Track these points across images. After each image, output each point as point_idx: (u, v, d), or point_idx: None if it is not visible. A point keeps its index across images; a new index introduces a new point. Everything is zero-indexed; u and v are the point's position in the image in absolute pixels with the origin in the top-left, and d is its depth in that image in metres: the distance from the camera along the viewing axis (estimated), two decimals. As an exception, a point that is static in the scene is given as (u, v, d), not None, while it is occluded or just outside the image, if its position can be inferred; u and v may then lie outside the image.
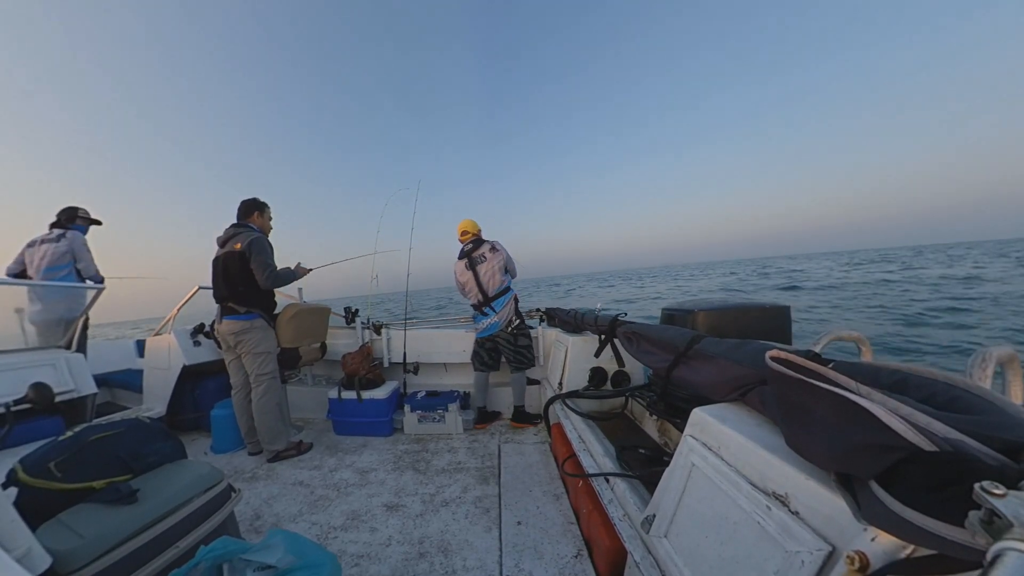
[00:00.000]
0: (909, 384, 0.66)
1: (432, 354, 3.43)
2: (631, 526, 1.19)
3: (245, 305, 2.40)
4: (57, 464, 1.12)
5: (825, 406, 0.64)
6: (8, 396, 1.42)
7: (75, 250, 3.06)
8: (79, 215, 3.17)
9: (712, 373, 1.11)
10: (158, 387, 3.03)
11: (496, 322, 2.84)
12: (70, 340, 2.67)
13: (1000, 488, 0.39)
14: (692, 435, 1.00)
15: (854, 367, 0.73)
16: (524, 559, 1.51)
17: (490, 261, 2.83)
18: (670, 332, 1.43)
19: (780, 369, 0.74)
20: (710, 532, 0.85)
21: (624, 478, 1.39)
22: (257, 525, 1.83)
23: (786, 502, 0.70)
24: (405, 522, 1.79)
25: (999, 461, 0.46)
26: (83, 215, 3.19)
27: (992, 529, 0.38)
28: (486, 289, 2.84)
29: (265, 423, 2.44)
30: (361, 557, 1.56)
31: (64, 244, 3.02)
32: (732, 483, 0.82)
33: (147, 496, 1.13)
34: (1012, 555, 0.33)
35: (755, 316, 1.59)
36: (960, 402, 0.58)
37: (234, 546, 0.91)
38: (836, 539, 0.61)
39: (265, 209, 2.58)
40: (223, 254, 2.39)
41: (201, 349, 3.07)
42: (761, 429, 0.86)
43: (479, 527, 1.72)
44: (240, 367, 2.52)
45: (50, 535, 0.95)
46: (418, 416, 2.84)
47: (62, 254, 3.00)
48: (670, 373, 1.33)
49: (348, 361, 3.04)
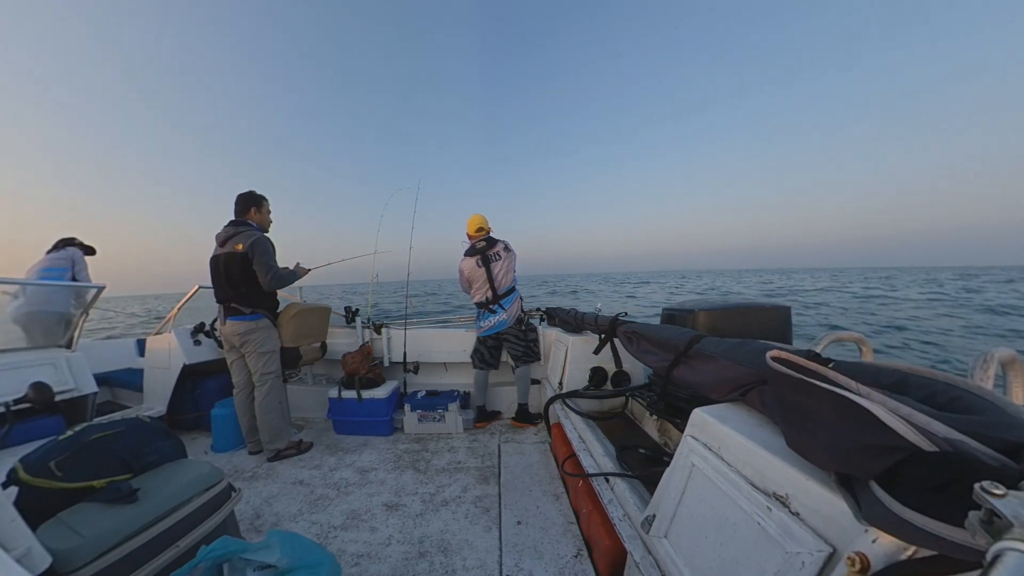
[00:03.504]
0: (909, 384, 0.66)
1: (432, 354, 3.43)
2: (631, 526, 1.19)
3: (249, 306, 2.39)
4: (57, 463, 1.12)
5: (825, 406, 0.64)
6: (8, 395, 1.42)
7: (75, 260, 3.29)
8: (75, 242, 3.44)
9: (712, 373, 1.11)
10: (158, 386, 3.03)
11: (505, 319, 2.84)
12: (70, 339, 2.68)
13: (1000, 488, 0.39)
14: (692, 435, 1.00)
15: (854, 367, 0.73)
16: (524, 559, 1.51)
17: (504, 260, 2.83)
18: (670, 332, 1.43)
19: (780, 369, 0.74)
20: (710, 532, 0.85)
21: (624, 478, 1.39)
22: (257, 524, 1.83)
23: (786, 503, 0.70)
24: (405, 521, 1.79)
25: (999, 461, 0.46)
26: (78, 243, 3.47)
27: (992, 529, 0.38)
28: (498, 287, 2.84)
29: (267, 422, 2.44)
30: (361, 557, 1.56)
31: (65, 253, 3.27)
32: (732, 483, 0.82)
33: (147, 495, 1.13)
34: (1012, 555, 0.33)
35: (755, 316, 1.59)
36: (960, 402, 0.58)
37: (235, 546, 0.91)
38: (837, 540, 0.60)
39: (263, 203, 2.51)
40: (223, 254, 2.37)
41: (201, 348, 3.07)
42: (761, 429, 0.86)
43: (479, 527, 1.72)
44: (243, 367, 2.52)
45: (50, 534, 0.95)
46: (418, 416, 2.84)
47: (62, 259, 3.22)
48: (670, 373, 1.33)
49: (348, 360, 3.04)
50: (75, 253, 3.32)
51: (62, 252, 3.26)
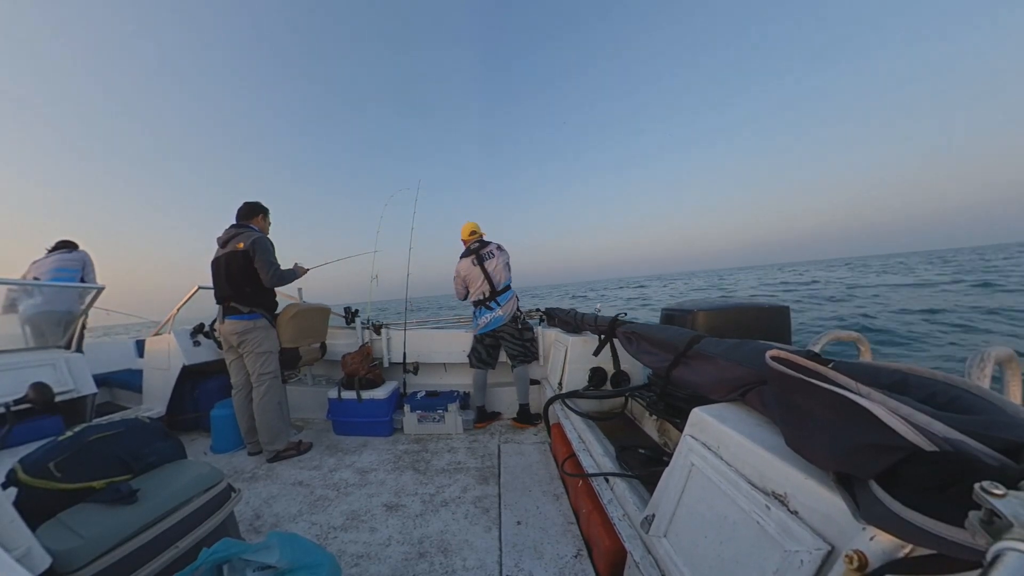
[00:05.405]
0: (909, 384, 0.66)
1: (432, 354, 3.43)
2: (631, 526, 1.19)
3: (248, 305, 2.41)
4: (57, 464, 1.12)
5: (825, 406, 0.64)
6: (8, 396, 1.42)
7: (86, 263, 3.39)
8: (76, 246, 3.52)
9: (712, 373, 1.11)
10: (158, 387, 3.03)
11: (501, 316, 2.86)
12: (70, 340, 2.68)
13: (1000, 488, 0.39)
14: (692, 435, 1.00)
15: (854, 367, 0.73)
16: (524, 559, 1.51)
17: (497, 258, 2.90)
18: (670, 332, 1.43)
19: (780, 369, 0.74)
20: (709, 532, 0.85)
21: (624, 478, 1.39)
22: (257, 525, 1.82)
23: (785, 502, 0.70)
24: (405, 522, 1.79)
25: (999, 461, 0.46)
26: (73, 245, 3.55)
27: (992, 529, 0.38)
28: (495, 283, 2.87)
29: (266, 422, 2.44)
30: (361, 557, 1.56)
31: (77, 255, 3.36)
32: (731, 483, 0.82)
33: (147, 496, 1.13)
34: (1012, 555, 0.33)
35: (754, 316, 1.59)
36: (960, 402, 0.58)
37: (235, 547, 0.91)
38: (835, 538, 0.61)
39: (268, 214, 2.63)
40: (224, 254, 2.40)
41: (201, 349, 3.07)
42: (760, 429, 0.86)
43: (479, 527, 1.72)
44: (241, 367, 2.52)
45: (50, 535, 0.95)
46: (418, 416, 2.84)
47: (74, 260, 3.30)
48: (670, 373, 1.33)
49: (348, 361, 3.04)
50: (87, 256, 3.41)
51: (73, 254, 3.34)
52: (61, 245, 3.39)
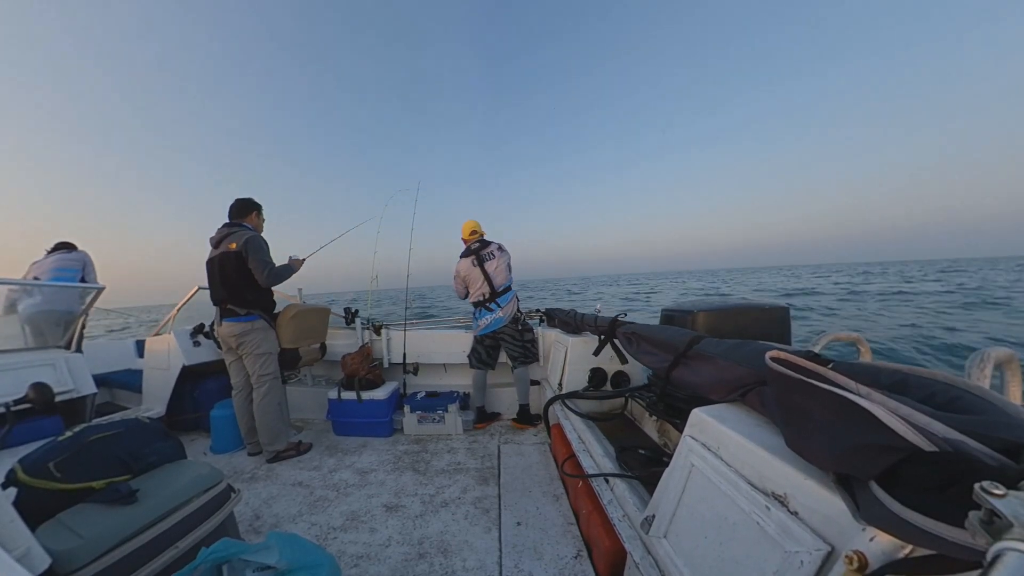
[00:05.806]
0: (909, 384, 0.66)
1: (432, 355, 3.43)
2: (631, 527, 1.19)
3: (245, 307, 2.39)
4: (56, 464, 1.11)
5: (825, 406, 0.64)
6: (8, 396, 1.42)
7: (86, 263, 3.39)
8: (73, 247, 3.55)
9: (712, 374, 1.11)
10: (158, 387, 3.03)
11: (501, 317, 2.85)
12: (70, 340, 2.67)
13: (1000, 488, 0.39)
14: (692, 435, 1.00)
15: (854, 367, 0.73)
16: (524, 560, 1.51)
17: (498, 259, 2.88)
18: (670, 332, 1.43)
19: (780, 369, 0.74)
20: (709, 532, 0.85)
21: (624, 479, 1.39)
22: (257, 525, 1.82)
23: (785, 502, 0.70)
24: (405, 523, 1.78)
25: (999, 461, 0.46)
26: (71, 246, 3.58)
27: (992, 529, 0.38)
28: (495, 284, 2.86)
29: (266, 423, 2.43)
30: (360, 558, 1.56)
31: (77, 255, 3.37)
32: (731, 483, 0.82)
33: (147, 496, 1.13)
34: (1012, 555, 0.33)
35: (754, 316, 1.59)
36: (960, 402, 0.58)
37: (234, 547, 0.91)
38: (835, 539, 0.61)
39: (261, 210, 2.59)
40: (218, 255, 2.37)
41: (201, 349, 3.07)
42: (760, 429, 0.86)
43: (479, 528, 1.72)
44: (241, 368, 2.52)
45: (50, 535, 0.95)
46: (418, 417, 2.84)
47: (74, 260, 3.31)
48: (670, 374, 1.33)
49: (348, 362, 3.03)
50: (85, 256, 3.41)
51: (74, 254, 3.35)
52: (61, 246, 3.39)
